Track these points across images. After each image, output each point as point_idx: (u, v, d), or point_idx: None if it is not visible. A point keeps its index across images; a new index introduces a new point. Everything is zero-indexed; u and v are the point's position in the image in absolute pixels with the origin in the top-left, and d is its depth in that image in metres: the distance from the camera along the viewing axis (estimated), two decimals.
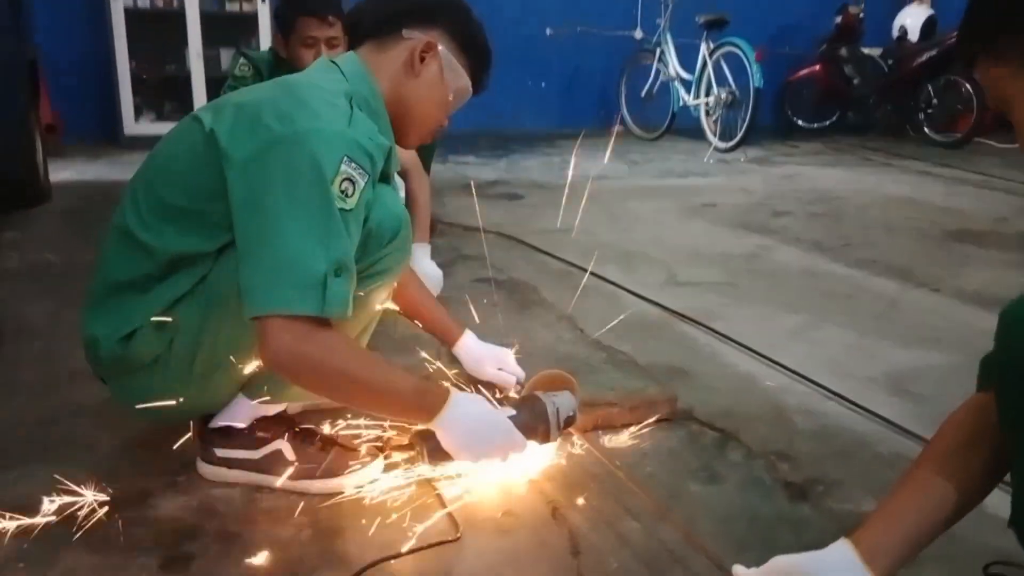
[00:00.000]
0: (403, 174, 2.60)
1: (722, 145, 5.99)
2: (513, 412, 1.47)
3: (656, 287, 2.80)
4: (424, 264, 2.54)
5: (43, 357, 2.07)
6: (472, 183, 4.30)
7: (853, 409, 1.87)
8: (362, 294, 1.38)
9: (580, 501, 1.47)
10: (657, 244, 3.42)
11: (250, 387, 1.46)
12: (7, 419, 1.74)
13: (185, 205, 1.34)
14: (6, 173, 3.48)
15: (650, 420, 1.73)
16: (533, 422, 1.48)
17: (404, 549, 1.31)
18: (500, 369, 1.82)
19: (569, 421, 1.52)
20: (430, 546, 1.32)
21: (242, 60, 2.50)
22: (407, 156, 2.60)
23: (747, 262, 3.19)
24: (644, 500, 1.45)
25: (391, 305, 1.71)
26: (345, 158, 1.27)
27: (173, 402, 1.41)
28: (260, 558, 1.29)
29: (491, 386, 1.75)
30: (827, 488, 1.54)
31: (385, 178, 1.46)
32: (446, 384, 1.48)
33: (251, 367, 1.41)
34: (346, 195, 1.28)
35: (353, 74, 1.45)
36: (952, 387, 1.02)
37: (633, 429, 1.71)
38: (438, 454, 1.40)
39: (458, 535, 1.35)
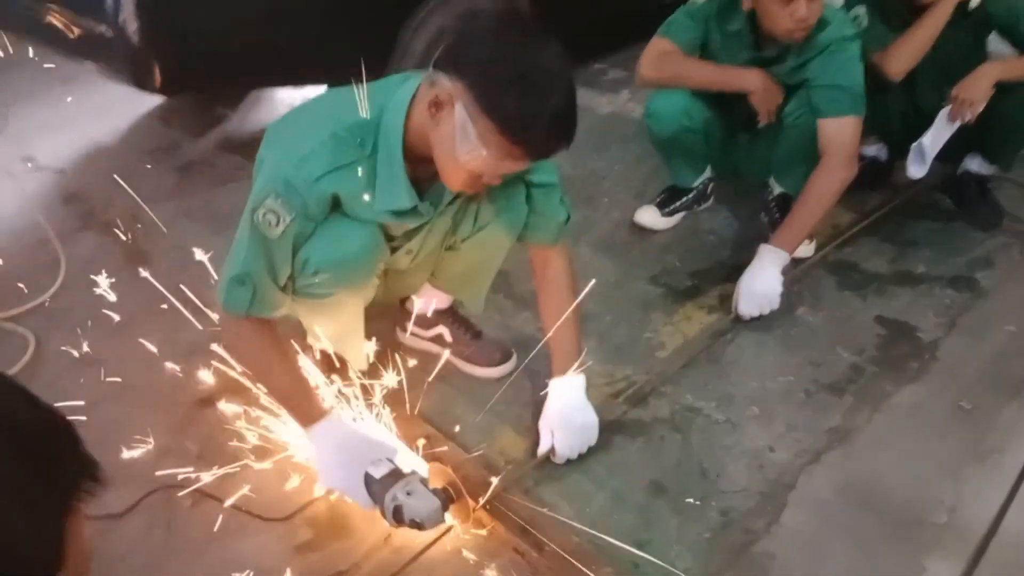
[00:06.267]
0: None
1: None
2: (380, 474, 1.52)
3: None
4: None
5: None
6: None
7: None
8: (311, 300, 1.65)
9: None
10: None
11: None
12: None
13: None
14: None
15: None
16: (378, 496, 1.53)
17: None
18: (552, 432, 1.78)
19: (415, 525, 1.50)
20: None
21: None
22: (836, 140, 2.25)
23: None
24: None
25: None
26: (273, 194, 1.44)
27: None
28: None
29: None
30: None
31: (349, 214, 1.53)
32: (331, 408, 1.64)
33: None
34: (270, 225, 1.46)
35: (397, 103, 1.46)
36: None
37: None
38: None
39: None
